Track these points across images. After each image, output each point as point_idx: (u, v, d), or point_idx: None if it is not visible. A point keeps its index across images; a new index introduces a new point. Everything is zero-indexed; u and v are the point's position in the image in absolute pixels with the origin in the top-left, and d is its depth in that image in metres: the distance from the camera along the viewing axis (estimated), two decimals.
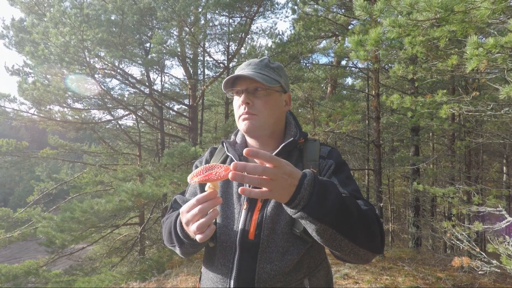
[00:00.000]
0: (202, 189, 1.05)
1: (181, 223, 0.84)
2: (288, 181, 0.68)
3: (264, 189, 0.67)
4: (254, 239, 0.90)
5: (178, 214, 0.88)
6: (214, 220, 0.93)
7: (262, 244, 0.90)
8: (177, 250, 0.95)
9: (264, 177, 0.65)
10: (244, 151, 0.64)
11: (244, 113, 0.99)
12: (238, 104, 1.01)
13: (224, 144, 1.07)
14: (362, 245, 0.78)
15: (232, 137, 1.14)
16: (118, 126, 10.10)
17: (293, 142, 1.00)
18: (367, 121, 8.77)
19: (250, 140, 1.07)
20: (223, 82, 1.00)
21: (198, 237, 0.75)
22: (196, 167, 1.11)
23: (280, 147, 0.97)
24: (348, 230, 0.75)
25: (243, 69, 1.01)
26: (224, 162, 1.06)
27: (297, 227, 0.89)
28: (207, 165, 0.77)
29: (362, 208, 0.83)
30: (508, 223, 3.39)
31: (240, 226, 0.92)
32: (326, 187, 0.73)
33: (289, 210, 0.73)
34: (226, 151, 1.04)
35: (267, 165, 0.66)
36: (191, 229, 0.76)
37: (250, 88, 0.98)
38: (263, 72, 0.99)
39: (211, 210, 0.75)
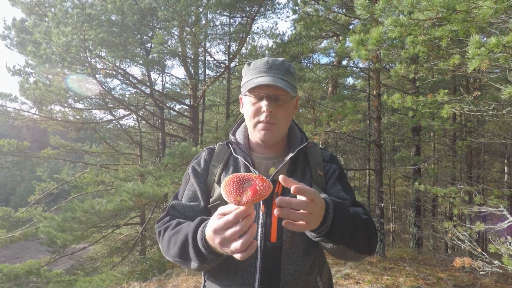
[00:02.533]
0: (203, 193, 1.01)
1: (204, 238, 0.77)
2: (319, 212, 0.74)
3: (302, 222, 0.70)
4: (276, 241, 0.90)
5: (196, 227, 0.82)
6: None
7: (285, 246, 0.91)
8: (193, 265, 0.85)
9: (305, 211, 0.70)
10: (292, 189, 0.68)
11: (265, 122, 0.96)
12: (256, 109, 0.97)
13: (230, 145, 1.05)
14: (363, 252, 0.90)
15: (231, 137, 1.10)
16: (119, 126, 10.13)
17: (304, 147, 1.02)
18: (368, 121, 8.76)
19: (256, 142, 1.04)
20: (249, 86, 0.96)
21: (239, 256, 0.67)
22: (194, 169, 1.05)
23: (296, 151, 0.99)
24: (356, 245, 0.86)
25: (264, 72, 0.96)
26: (227, 163, 1.03)
27: None
28: (232, 177, 0.71)
29: (364, 218, 0.92)
30: (509, 223, 3.38)
31: (260, 229, 0.91)
32: (342, 212, 0.81)
33: (310, 234, 0.82)
34: (233, 153, 1.02)
35: (303, 198, 0.70)
36: (232, 247, 0.68)
37: (272, 95, 0.95)
38: (287, 79, 0.96)
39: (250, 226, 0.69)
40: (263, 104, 0.95)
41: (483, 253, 3.50)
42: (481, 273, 3.59)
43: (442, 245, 10.25)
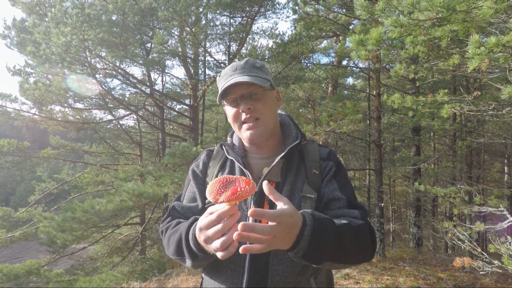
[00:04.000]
0: (202, 194, 1.03)
1: (194, 237, 0.80)
2: (289, 234, 0.70)
3: (257, 245, 0.67)
4: None
5: (189, 226, 0.85)
6: None
7: None
8: (187, 263, 0.89)
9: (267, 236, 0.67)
10: (250, 212, 0.65)
11: (246, 119, 0.96)
12: (235, 112, 0.98)
13: (223, 147, 1.06)
14: (355, 263, 0.89)
15: (229, 139, 1.12)
16: (119, 126, 10.13)
17: (298, 145, 1.00)
18: (368, 121, 8.76)
19: (248, 145, 1.06)
20: (219, 94, 0.98)
21: (220, 254, 0.70)
22: (193, 171, 1.09)
23: (287, 150, 0.97)
24: (344, 258, 0.83)
25: (230, 76, 0.97)
26: (223, 164, 1.05)
27: None
28: (221, 177, 0.74)
29: (355, 226, 0.85)
30: (509, 223, 3.38)
31: None
32: (325, 229, 0.76)
33: (290, 254, 0.77)
34: (227, 154, 1.03)
35: (270, 223, 0.68)
36: (213, 246, 0.70)
37: (245, 93, 0.95)
38: (253, 74, 0.97)
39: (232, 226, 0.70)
40: (239, 104, 0.96)
41: (483, 253, 3.50)
42: (481, 273, 3.60)
43: (442, 245, 10.25)
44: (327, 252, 0.77)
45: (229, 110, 1.00)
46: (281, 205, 0.71)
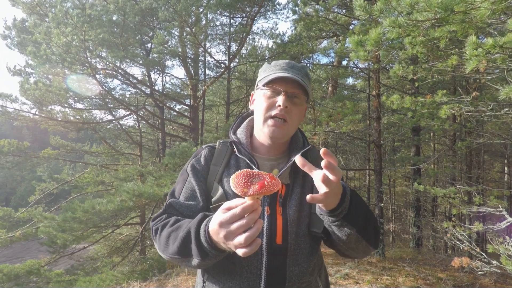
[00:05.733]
0: (202, 192, 0.98)
1: (207, 233, 0.75)
2: (339, 191, 0.76)
3: (322, 192, 0.72)
4: (282, 243, 0.91)
5: (199, 222, 0.79)
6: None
7: (290, 248, 0.91)
8: (194, 262, 0.81)
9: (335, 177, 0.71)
10: (322, 151, 0.69)
11: (277, 116, 0.95)
12: (271, 102, 0.96)
13: (235, 145, 1.03)
14: (372, 245, 0.91)
15: (232, 136, 1.06)
16: (119, 126, 10.14)
17: (308, 150, 1.04)
18: (368, 121, 8.76)
19: (262, 140, 1.03)
20: (266, 79, 0.97)
21: (242, 251, 0.65)
22: (194, 167, 1.02)
23: (301, 152, 1.00)
24: (368, 234, 0.87)
25: (285, 70, 0.97)
26: (228, 163, 1.02)
27: (316, 227, 0.94)
28: (243, 171, 0.71)
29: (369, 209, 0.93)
30: (508, 224, 3.39)
31: (265, 231, 0.91)
32: (357, 197, 0.83)
33: (328, 218, 0.82)
34: (238, 153, 1.00)
35: (330, 176, 0.71)
36: (236, 242, 0.66)
37: (291, 92, 0.96)
38: (305, 81, 0.97)
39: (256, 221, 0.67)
40: (280, 98, 0.94)
41: (482, 253, 3.51)
42: (479, 273, 3.60)
43: (442, 245, 10.25)
44: (360, 219, 0.83)
45: (264, 98, 0.98)
46: (317, 174, 0.73)
